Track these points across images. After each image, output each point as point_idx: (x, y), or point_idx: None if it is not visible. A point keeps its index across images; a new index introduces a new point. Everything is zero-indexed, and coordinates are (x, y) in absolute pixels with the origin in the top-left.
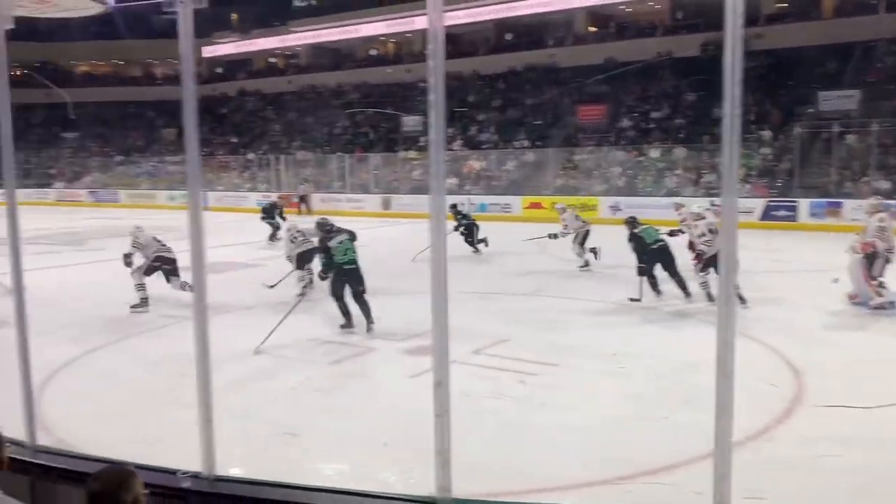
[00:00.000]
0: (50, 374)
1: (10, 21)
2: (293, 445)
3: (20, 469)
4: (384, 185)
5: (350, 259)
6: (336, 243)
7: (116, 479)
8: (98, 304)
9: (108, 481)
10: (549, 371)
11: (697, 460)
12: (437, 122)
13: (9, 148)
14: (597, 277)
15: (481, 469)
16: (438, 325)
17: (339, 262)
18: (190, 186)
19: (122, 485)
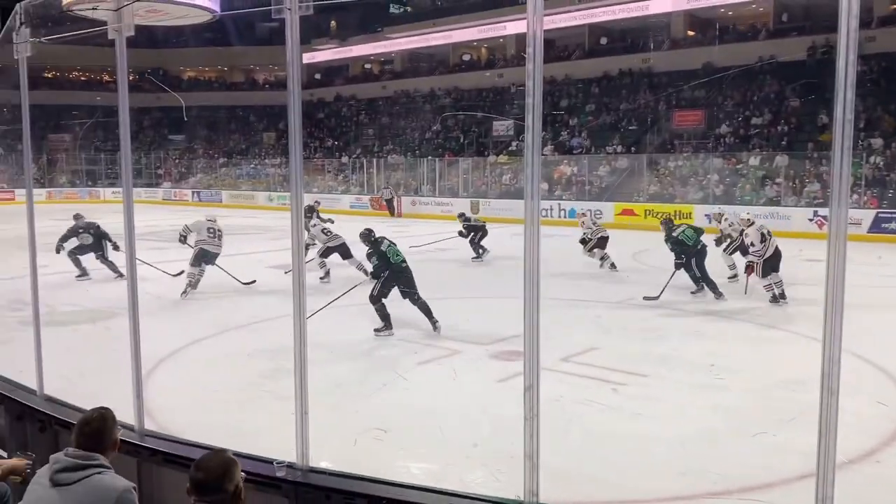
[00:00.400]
0: (155, 364)
1: (131, 29)
2: (383, 442)
3: (128, 451)
4: (473, 189)
5: (403, 259)
6: (386, 247)
7: (220, 469)
8: (199, 298)
9: (212, 470)
10: (640, 381)
11: (795, 480)
12: (534, 125)
13: (127, 149)
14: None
15: (569, 476)
16: (530, 329)
17: (395, 262)
18: (292, 188)
19: (226, 473)
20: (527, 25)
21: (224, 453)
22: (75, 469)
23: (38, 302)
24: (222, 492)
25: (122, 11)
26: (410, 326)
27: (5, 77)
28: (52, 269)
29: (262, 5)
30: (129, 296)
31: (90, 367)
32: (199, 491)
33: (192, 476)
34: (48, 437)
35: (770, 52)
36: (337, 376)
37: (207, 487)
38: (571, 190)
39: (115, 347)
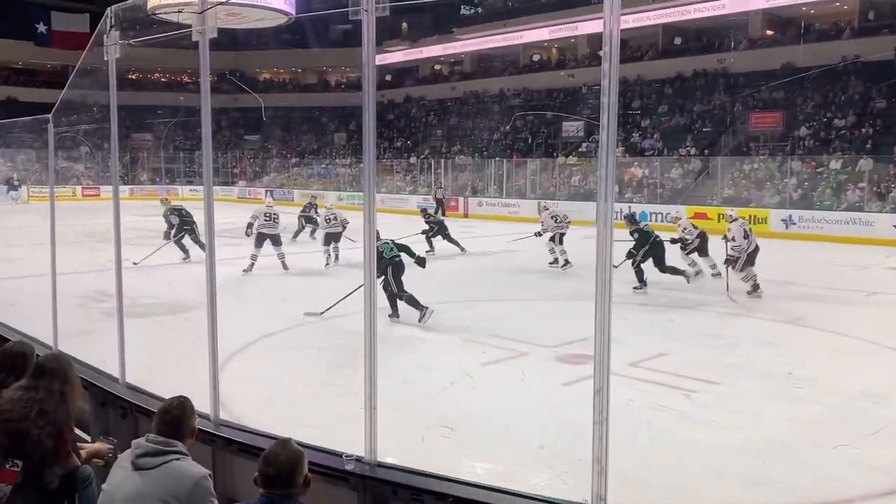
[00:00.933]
0: (229, 356)
1: (214, 31)
2: (449, 440)
3: (204, 439)
4: (541, 190)
5: (396, 254)
6: (380, 245)
7: (290, 463)
8: (270, 293)
9: (282, 464)
10: (711, 389)
11: (875, 497)
12: (609, 124)
13: (208, 148)
14: (766, 294)
15: (637, 481)
16: (601, 332)
17: (389, 256)
18: (365, 188)
19: (296, 467)
20: (603, 24)
21: (291, 445)
22: (155, 454)
23: (122, 294)
24: (294, 485)
25: (205, 14)
26: (475, 328)
27: (95, 78)
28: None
29: (339, 7)
30: (208, 290)
31: (169, 357)
32: (269, 485)
33: (263, 471)
34: (129, 424)
35: (854, 52)
36: (405, 373)
37: (279, 481)
38: (642, 192)
39: (193, 339)
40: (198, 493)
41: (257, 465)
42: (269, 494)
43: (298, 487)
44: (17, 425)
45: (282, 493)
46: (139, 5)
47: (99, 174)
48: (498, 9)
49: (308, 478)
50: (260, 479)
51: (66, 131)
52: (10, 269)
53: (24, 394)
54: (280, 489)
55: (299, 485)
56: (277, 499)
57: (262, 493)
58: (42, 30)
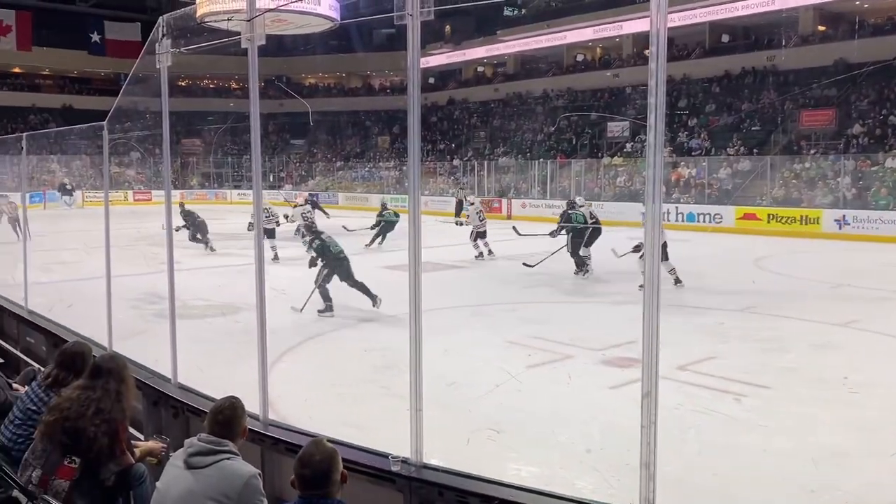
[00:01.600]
0: (277, 357)
1: (262, 38)
2: (494, 442)
3: (253, 439)
4: (586, 191)
5: (341, 251)
6: (326, 237)
7: (325, 463)
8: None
9: (318, 465)
10: (761, 393)
11: None
12: (656, 125)
13: (257, 152)
14: (818, 296)
15: (684, 487)
16: (649, 335)
17: (334, 252)
18: (410, 190)
19: (332, 466)
20: (650, 23)
21: (323, 444)
22: (207, 454)
23: (175, 296)
24: (331, 484)
25: (254, 22)
26: (519, 331)
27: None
28: (185, 264)
29: (384, 12)
30: (257, 292)
31: (219, 357)
32: (307, 486)
33: (299, 473)
34: (181, 423)
35: None
36: (450, 375)
37: (316, 481)
38: (690, 193)
39: (242, 340)
40: (248, 491)
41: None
42: (308, 496)
43: (335, 485)
44: (74, 423)
45: (319, 493)
46: (190, 14)
47: (150, 179)
48: (541, 9)
49: (344, 474)
50: (297, 481)
51: (119, 138)
52: (66, 271)
53: (82, 393)
54: (317, 489)
55: (336, 482)
56: (315, 499)
57: (299, 495)
58: (96, 39)
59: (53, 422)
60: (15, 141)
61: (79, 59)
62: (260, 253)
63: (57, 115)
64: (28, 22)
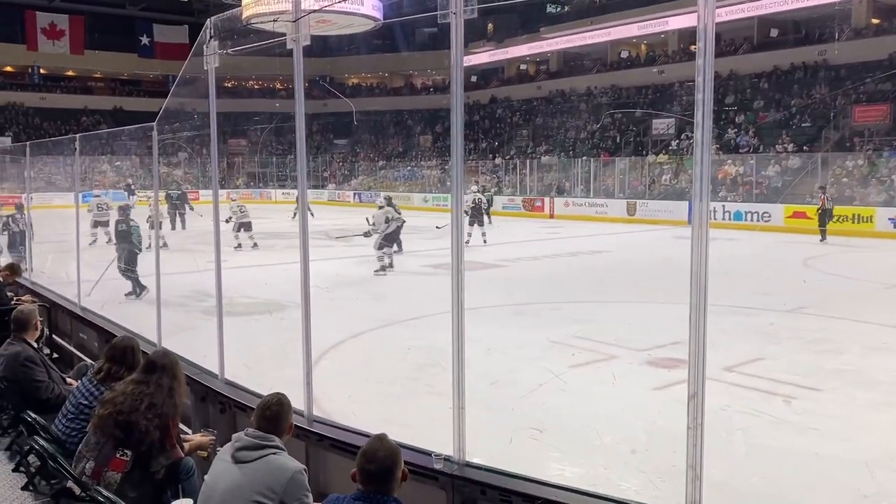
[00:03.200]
0: (320, 354)
1: (307, 39)
2: (538, 442)
3: (298, 435)
4: (630, 189)
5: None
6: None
7: (389, 460)
8: (360, 294)
9: (383, 461)
10: (812, 396)
11: None
12: (703, 122)
13: (303, 152)
14: (872, 297)
15: (732, 490)
16: (696, 336)
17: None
18: (453, 189)
19: (395, 463)
20: (697, 18)
21: (387, 440)
22: (254, 448)
23: (222, 294)
24: (392, 480)
25: (299, 23)
26: (562, 330)
27: (194, 87)
28: (231, 263)
29: (427, 11)
30: (302, 290)
31: (264, 354)
32: (370, 481)
33: (364, 467)
34: (227, 418)
35: None
36: (492, 374)
37: (379, 477)
38: (738, 191)
39: (287, 337)
40: (293, 486)
41: (355, 460)
42: (368, 490)
43: (396, 482)
44: (127, 417)
45: (380, 490)
46: (236, 16)
47: (198, 178)
48: (585, 6)
49: (405, 472)
50: (360, 475)
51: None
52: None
53: (136, 388)
54: (379, 485)
55: (397, 480)
56: (374, 495)
57: (359, 488)
58: (145, 42)
59: (107, 415)
60: (69, 142)
61: (129, 61)
62: (305, 252)
63: (108, 117)
64: (81, 26)
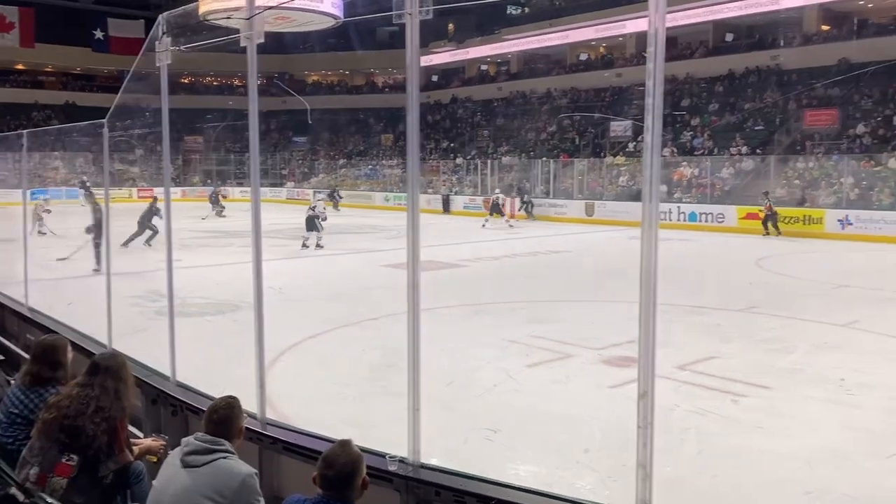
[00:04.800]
0: (276, 356)
1: (261, 36)
2: (492, 442)
3: (251, 438)
4: (588, 190)
5: None
6: None
7: (350, 466)
8: (317, 294)
9: (343, 467)
10: (761, 394)
11: None
12: (654, 126)
13: (256, 150)
14: (821, 297)
15: (682, 488)
16: (646, 335)
17: None
18: (409, 189)
19: (355, 470)
20: (648, 23)
21: (350, 447)
22: (204, 452)
23: (174, 294)
24: (352, 488)
25: (253, 20)
26: (519, 330)
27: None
28: (184, 262)
29: (384, 11)
30: (255, 291)
31: (218, 356)
32: (328, 487)
33: (323, 473)
34: (179, 421)
35: None
36: (449, 374)
37: (338, 484)
38: (692, 192)
39: (241, 339)
40: (244, 490)
41: (316, 464)
42: (328, 496)
43: (356, 491)
44: (73, 421)
45: (339, 496)
46: (190, 12)
47: (153, 176)
48: (544, 8)
49: (366, 480)
50: (319, 480)
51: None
52: (67, 268)
53: (81, 391)
54: (337, 491)
55: (357, 488)
56: (333, 501)
57: (319, 493)
58: (99, 36)
59: (52, 420)
60: (16, 138)
61: (82, 55)
62: (258, 252)
63: (60, 112)
64: (31, 18)
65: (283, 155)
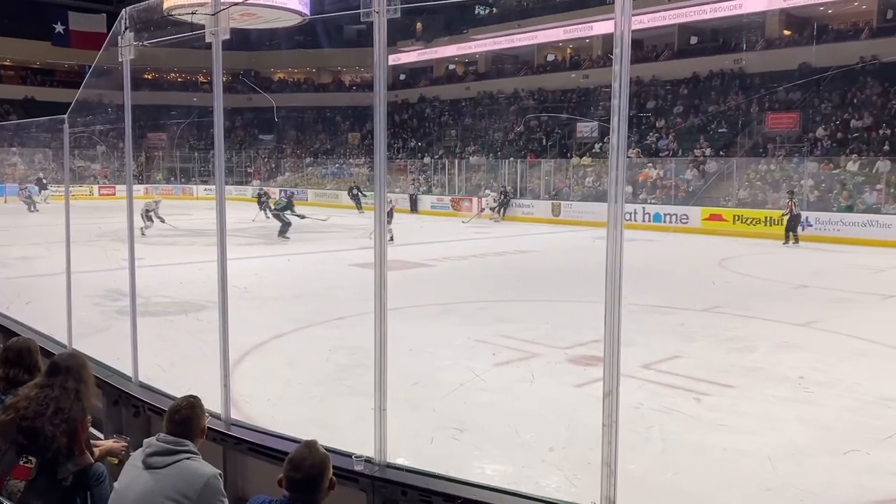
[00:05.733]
0: (241, 356)
1: (227, 32)
2: (459, 441)
3: (214, 439)
4: (555, 191)
5: None
6: None
7: (316, 468)
8: (283, 294)
9: (309, 469)
10: (724, 392)
11: (888, 503)
12: (619, 127)
13: (220, 147)
14: (782, 297)
15: (646, 485)
16: (610, 335)
17: None
18: (376, 188)
19: (322, 473)
20: (614, 25)
21: (317, 449)
22: (166, 454)
23: (136, 293)
24: (319, 490)
25: (218, 16)
26: (486, 330)
27: (110, 78)
28: (147, 261)
29: (351, 9)
30: (220, 290)
31: (181, 356)
32: (295, 489)
33: (289, 475)
34: (141, 422)
35: (872, 52)
36: (415, 373)
37: (304, 486)
38: (656, 194)
39: (205, 339)
40: (208, 491)
41: (282, 466)
42: (294, 498)
43: (323, 492)
44: (31, 422)
45: (305, 498)
46: (154, 6)
47: (115, 173)
48: (512, 9)
49: (333, 481)
50: (285, 482)
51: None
52: (26, 267)
53: (40, 392)
54: (304, 493)
55: (324, 489)
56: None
57: (285, 495)
58: (59, 30)
59: (9, 421)
60: None
61: (41, 49)
62: (223, 251)
63: (18, 107)
64: None
65: (248, 153)
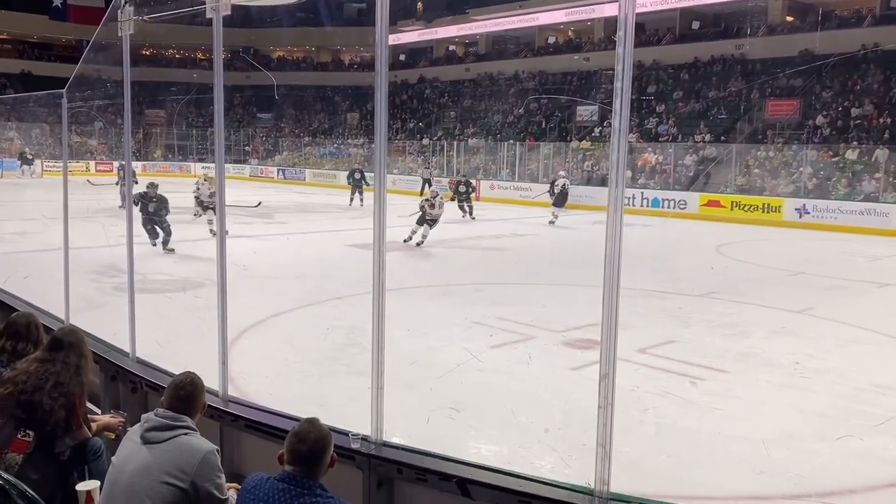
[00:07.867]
0: (238, 333)
1: (228, 8)
2: (455, 421)
3: (212, 415)
4: (554, 174)
5: None
6: None
7: (321, 442)
8: (282, 273)
9: (314, 443)
10: (718, 377)
11: (881, 488)
12: (622, 110)
13: (220, 125)
14: (777, 284)
15: (641, 467)
16: (608, 318)
17: None
18: (376, 169)
19: (326, 447)
20: (618, 8)
21: (319, 424)
22: (164, 429)
23: (134, 269)
24: (320, 465)
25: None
26: (483, 312)
27: (109, 54)
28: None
29: None
30: (218, 267)
31: (179, 333)
32: (299, 462)
33: (295, 447)
34: (139, 398)
35: (875, 40)
36: (412, 353)
37: (309, 459)
38: (655, 178)
39: (203, 316)
40: (205, 467)
41: (285, 441)
42: (295, 472)
43: (323, 467)
44: (30, 396)
45: (307, 472)
46: None
47: (112, 149)
48: None
49: (334, 458)
50: (290, 455)
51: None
52: (23, 242)
53: (40, 366)
54: (307, 467)
55: (325, 465)
56: (301, 477)
57: (285, 469)
58: (57, 3)
59: (7, 395)
60: None
61: (39, 23)
62: (222, 228)
63: (15, 81)
64: None
65: (246, 131)
